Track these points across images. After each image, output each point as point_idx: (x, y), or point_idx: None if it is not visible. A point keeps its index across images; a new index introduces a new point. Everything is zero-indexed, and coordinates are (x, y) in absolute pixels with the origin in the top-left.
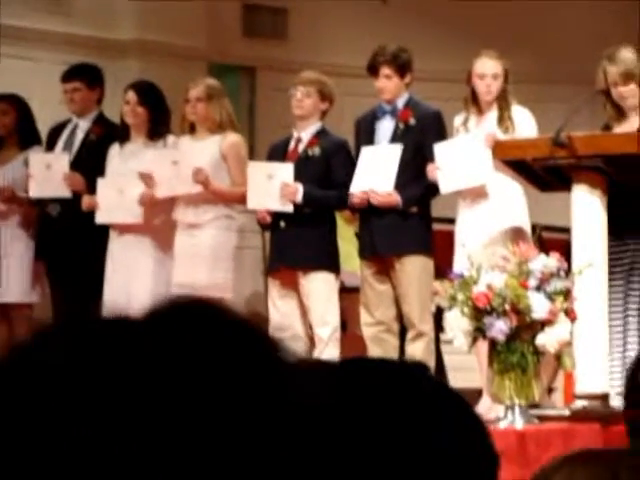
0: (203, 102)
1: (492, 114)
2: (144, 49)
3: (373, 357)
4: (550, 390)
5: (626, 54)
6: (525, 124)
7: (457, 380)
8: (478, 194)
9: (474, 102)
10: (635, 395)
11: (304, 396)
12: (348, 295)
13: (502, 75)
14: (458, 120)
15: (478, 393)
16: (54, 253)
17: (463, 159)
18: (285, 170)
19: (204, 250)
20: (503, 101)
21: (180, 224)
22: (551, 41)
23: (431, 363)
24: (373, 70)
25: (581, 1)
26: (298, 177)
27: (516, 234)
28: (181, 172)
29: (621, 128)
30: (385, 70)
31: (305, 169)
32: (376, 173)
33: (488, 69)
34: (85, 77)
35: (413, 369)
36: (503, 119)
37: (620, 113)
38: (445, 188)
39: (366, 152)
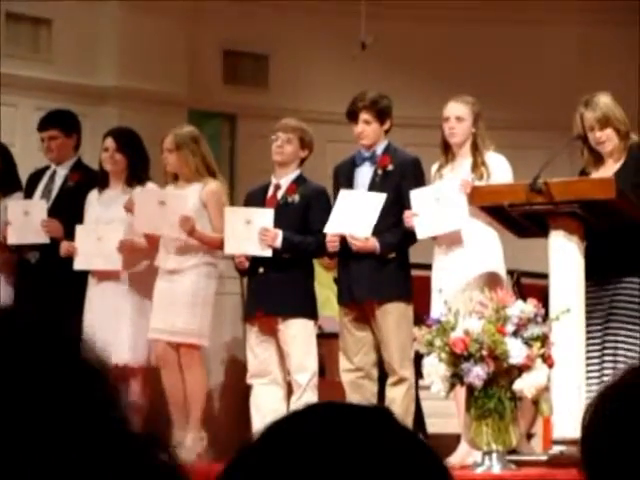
0: (173, 153)
1: (466, 160)
2: (124, 96)
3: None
4: (529, 436)
5: (602, 99)
6: (500, 170)
7: (435, 426)
8: (453, 240)
9: (447, 148)
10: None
11: None
12: (327, 341)
13: (470, 119)
14: (435, 167)
15: (456, 439)
16: (32, 299)
17: (438, 205)
18: (265, 215)
19: (182, 296)
20: (475, 147)
21: (161, 270)
22: (528, 88)
23: (411, 409)
24: (352, 116)
25: (558, 50)
26: (277, 223)
27: (491, 280)
28: (167, 216)
29: (598, 173)
30: (364, 116)
31: (284, 215)
32: (355, 218)
33: (451, 112)
34: (61, 125)
35: (378, 412)
36: (477, 165)
37: (597, 159)
38: (421, 234)
39: (345, 195)
